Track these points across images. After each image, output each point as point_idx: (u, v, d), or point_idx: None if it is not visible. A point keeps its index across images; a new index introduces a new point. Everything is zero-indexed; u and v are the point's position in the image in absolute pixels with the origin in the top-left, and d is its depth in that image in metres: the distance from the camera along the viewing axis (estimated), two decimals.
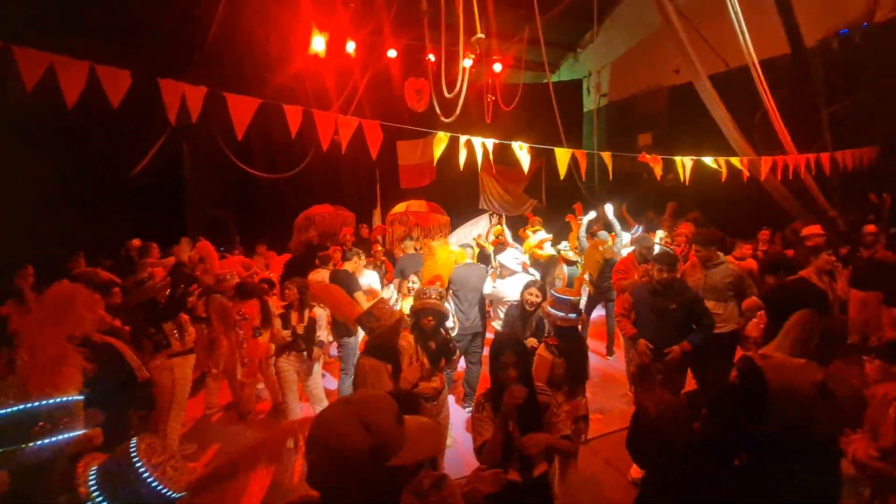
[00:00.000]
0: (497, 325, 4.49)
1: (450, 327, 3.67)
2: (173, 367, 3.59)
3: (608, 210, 5.71)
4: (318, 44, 5.65)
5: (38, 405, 1.55)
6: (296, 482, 3.32)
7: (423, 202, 8.37)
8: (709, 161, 5.77)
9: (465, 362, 4.62)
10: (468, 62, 4.89)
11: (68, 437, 1.59)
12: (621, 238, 5.66)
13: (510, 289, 4.40)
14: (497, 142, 4.65)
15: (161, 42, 6.37)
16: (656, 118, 10.05)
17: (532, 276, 4.77)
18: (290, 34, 6.77)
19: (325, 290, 3.52)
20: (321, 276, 5.12)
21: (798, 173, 5.99)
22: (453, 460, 3.56)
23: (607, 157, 5.41)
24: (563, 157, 4.98)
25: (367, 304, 3.41)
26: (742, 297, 3.88)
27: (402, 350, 2.94)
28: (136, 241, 5.88)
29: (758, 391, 1.43)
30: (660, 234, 6.29)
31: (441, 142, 4.34)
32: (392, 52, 7.34)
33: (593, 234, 5.82)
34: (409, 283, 4.55)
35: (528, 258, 5.87)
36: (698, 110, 6.19)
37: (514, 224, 7.64)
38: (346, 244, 6.53)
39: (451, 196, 9.24)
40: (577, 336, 3.26)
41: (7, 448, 1.40)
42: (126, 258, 5.79)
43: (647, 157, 5.66)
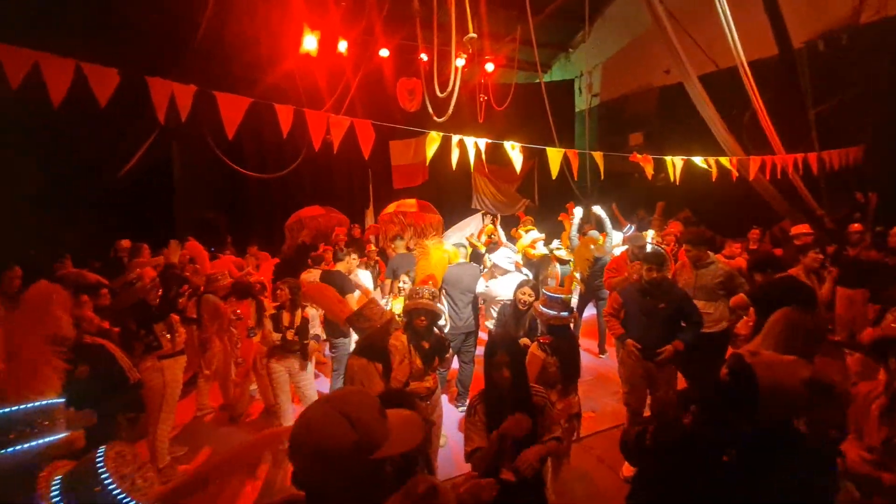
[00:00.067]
0: (490, 324, 4.50)
1: (440, 325, 3.67)
2: (164, 368, 3.55)
3: (597, 210, 5.74)
4: (310, 43, 5.61)
5: (16, 409, 1.52)
6: (288, 483, 3.29)
7: (413, 201, 8.34)
8: (699, 161, 5.83)
9: (458, 361, 4.62)
10: (460, 62, 4.90)
11: (49, 440, 1.57)
12: (612, 237, 5.70)
13: (503, 288, 4.42)
14: (489, 141, 4.65)
15: (149, 41, 6.29)
16: (647, 118, 10.12)
17: (525, 275, 4.79)
18: (280, 33, 6.73)
19: (318, 289, 3.50)
20: (313, 276, 5.09)
21: (786, 173, 6.07)
22: (446, 460, 3.56)
23: (599, 156, 5.44)
24: (555, 156, 5.00)
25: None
26: (733, 296, 3.90)
27: (395, 350, 2.94)
28: (126, 242, 5.81)
29: (748, 388, 1.44)
30: (650, 233, 6.34)
31: (433, 141, 4.33)
32: (384, 52, 7.32)
33: (584, 234, 5.86)
34: (399, 284, 4.53)
35: (520, 257, 5.89)
36: (688, 110, 6.25)
37: (506, 224, 7.65)
38: (338, 244, 6.50)
39: (444, 196, 9.24)
40: (570, 334, 3.28)
41: None
42: (115, 259, 5.72)
43: (638, 156, 5.69)
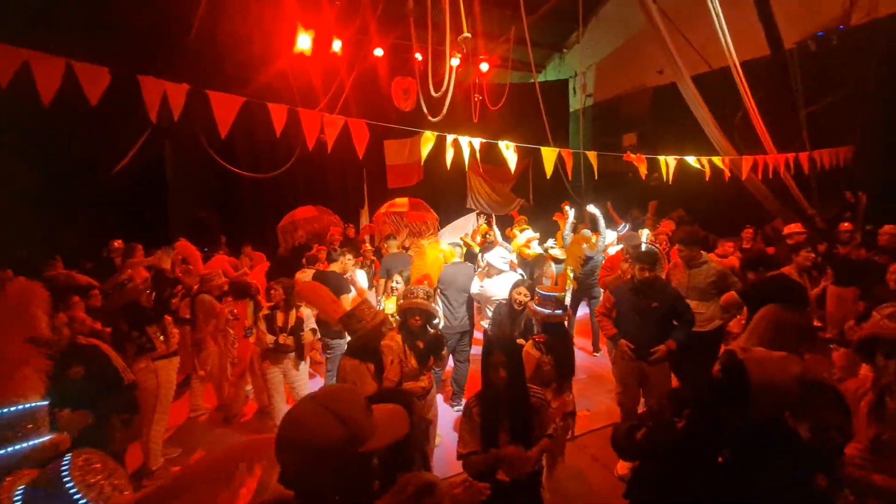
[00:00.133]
0: (485, 324, 4.51)
1: (435, 324, 3.67)
2: (157, 370, 3.53)
3: (592, 209, 5.76)
4: (304, 42, 5.59)
5: None
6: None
7: (405, 200, 8.34)
8: (692, 161, 5.86)
9: (453, 361, 4.63)
10: (455, 61, 4.89)
11: (33, 443, 1.55)
12: (604, 236, 5.72)
13: (498, 288, 4.42)
14: (484, 141, 4.66)
15: (141, 40, 6.23)
16: (641, 118, 10.16)
17: (520, 275, 4.80)
18: (274, 32, 6.69)
19: (311, 289, 3.48)
20: (308, 276, 5.08)
21: (778, 172, 6.12)
22: (439, 459, 3.56)
23: (593, 156, 5.46)
24: (549, 156, 5.01)
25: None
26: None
27: (388, 350, 2.93)
28: (118, 242, 5.76)
29: (740, 383, 1.45)
30: (645, 232, 6.37)
31: (428, 141, 4.33)
32: (379, 51, 7.30)
33: (577, 232, 5.87)
34: (392, 283, 4.53)
35: (515, 257, 5.90)
36: (681, 110, 6.28)
37: (501, 223, 7.67)
38: (333, 244, 6.49)
39: (438, 195, 9.24)
40: (565, 332, 3.29)
41: None
42: (107, 259, 5.67)
43: (632, 156, 5.72)
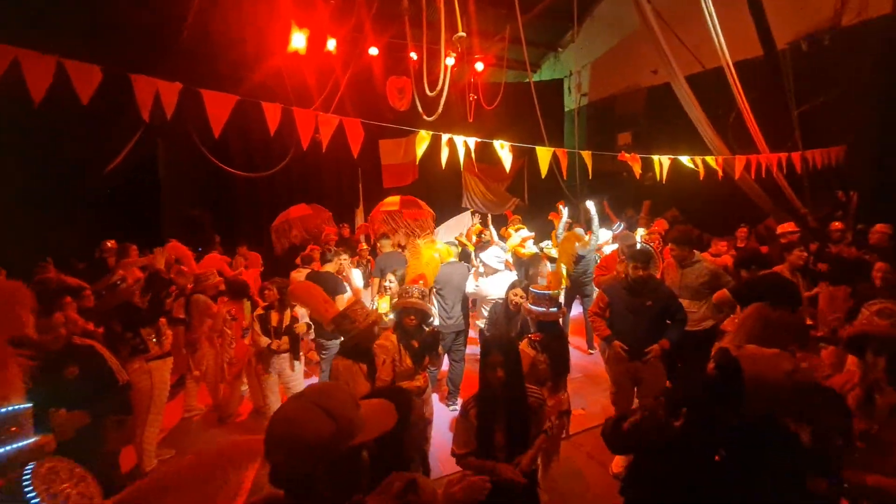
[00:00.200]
0: (481, 323, 4.51)
1: (429, 322, 3.67)
2: (151, 370, 3.52)
3: (589, 206, 5.78)
4: (299, 40, 5.56)
5: None
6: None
7: (396, 198, 8.33)
8: (685, 160, 5.89)
9: (448, 360, 4.63)
10: (450, 60, 4.89)
11: (18, 446, 1.52)
12: (597, 236, 5.73)
13: (493, 287, 4.43)
14: (479, 140, 4.65)
15: (134, 38, 6.18)
16: (635, 118, 10.20)
17: (514, 275, 4.81)
18: (268, 31, 6.65)
19: (304, 288, 3.46)
20: (303, 276, 5.06)
21: (770, 172, 6.17)
22: (433, 459, 3.55)
23: (587, 155, 5.47)
24: (544, 155, 5.02)
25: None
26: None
27: (383, 350, 2.92)
28: (111, 243, 5.71)
29: (734, 381, 1.46)
30: (641, 231, 6.39)
31: (423, 140, 4.32)
32: (373, 50, 7.29)
33: (571, 229, 5.88)
34: (385, 283, 4.52)
35: (510, 256, 5.90)
36: (675, 110, 6.30)
37: (495, 223, 7.68)
38: (328, 244, 6.46)
39: (434, 195, 9.22)
40: (560, 330, 3.31)
41: None
42: (100, 260, 5.62)
43: (627, 155, 5.74)
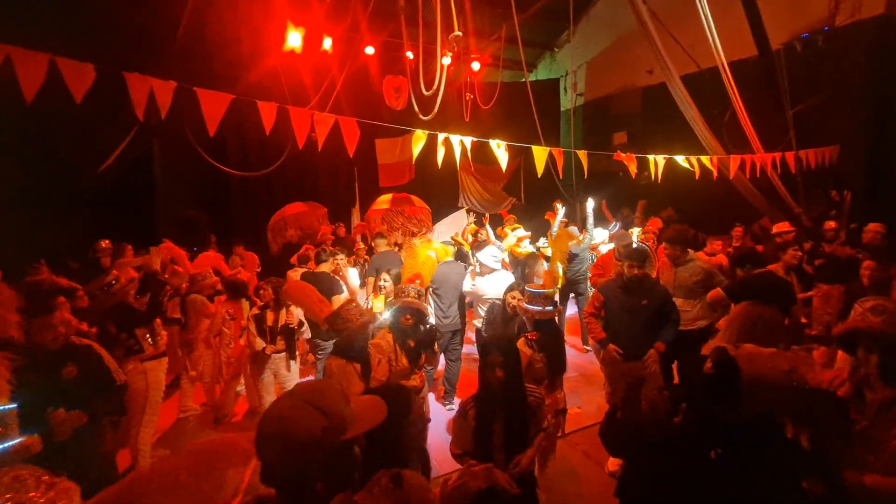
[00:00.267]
0: (478, 322, 4.51)
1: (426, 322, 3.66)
2: (146, 371, 3.48)
3: (589, 205, 5.79)
4: (294, 39, 5.54)
5: None
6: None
7: (388, 196, 8.32)
8: (681, 160, 5.92)
9: (444, 360, 4.63)
10: (446, 60, 4.89)
11: (2, 447, 1.51)
12: (591, 235, 5.75)
13: (490, 286, 4.43)
14: (475, 140, 4.65)
15: (128, 37, 6.13)
16: (631, 117, 10.23)
17: (511, 275, 4.81)
18: (264, 30, 6.63)
19: (298, 288, 3.46)
20: (299, 275, 5.05)
21: (765, 171, 6.21)
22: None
23: (583, 155, 5.48)
24: (540, 155, 5.03)
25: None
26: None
27: (379, 350, 2.92)
28: (105, 242, 5.67)
29: (733, 380, 1.46)
30: (636, 230, 6.41)
31: (419, 139, 4.32)
32: (370, 49, 7.27)
33: (566, 226, 5.90)
34: (380, 282, 4.52)
35: (507, 256, 5.91)
36: (671, 110, 6.32)
37: (492, 223, 7.69)
38: (325, 243, 6.45)
39: (430, 194, 9.23)
40: (556, 329, 3.31)
41: None
42: (93, 260, 5.58)
43: (622, 155, 5.76)
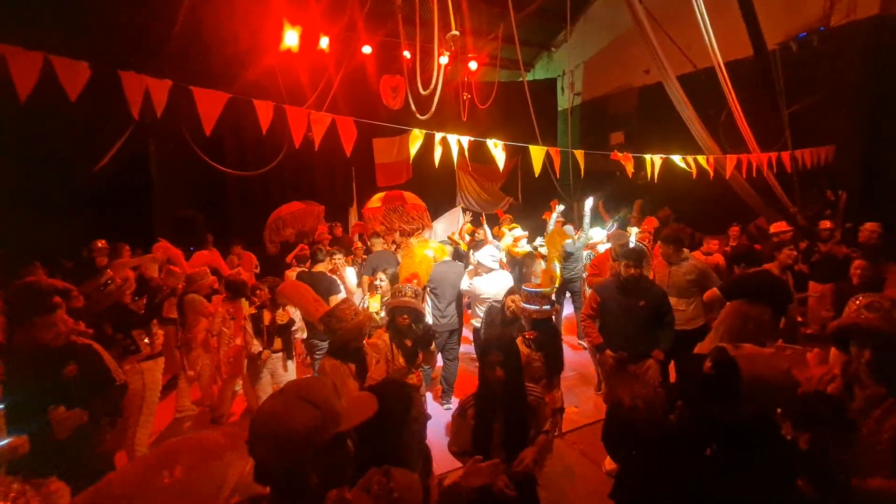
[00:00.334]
0: (476, 322, 4.52)
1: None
2: (143, 371, 3.48)
3: (587, 204, 5.79)
4: (291, 38, 5.52)
5: None
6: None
7: (380, 195, 8.31)
8: (677, 159, 5.93)
9: (442, 359, 4.63)
10: (444, 59, 4.88)
11: None
12: (587, 235, 5.76)
13: (488, 286, 4.43)
14: (473, 139, 4.65)
15: (123, 35, 6.10)
16: (628, 117, 10.26)
17: (509, 274, 4.81)
18: (260, 29, 6.60)
19: (293, 288, 3.44)
20: (297, 274, 5.04)
21: (761, 171, 6.23)
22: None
23: (580, 155, 5.49)
24: (537, 154, 5.03)
25: None
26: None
27: (374, 350, 2.91)
28: (101, 242, 5.64)
29: (733, 381, 1.47)
30: (634, 230, 6.41)
31: (417, 139, 4.31)
32: (367, 49, 7.26)
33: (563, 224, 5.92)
34: (376, 281, 4.51)
35: (504, 255, 5.91)
36: (667, 110, 6.35)
37: (488, 222, 7.69)
38: (322, 243, 6.43)
39: (428, 193, 9.21)
40: (553, 328, 3.31)
41: None
42: (88, 259, 5.55)
43: (619, 155, 5.77)
